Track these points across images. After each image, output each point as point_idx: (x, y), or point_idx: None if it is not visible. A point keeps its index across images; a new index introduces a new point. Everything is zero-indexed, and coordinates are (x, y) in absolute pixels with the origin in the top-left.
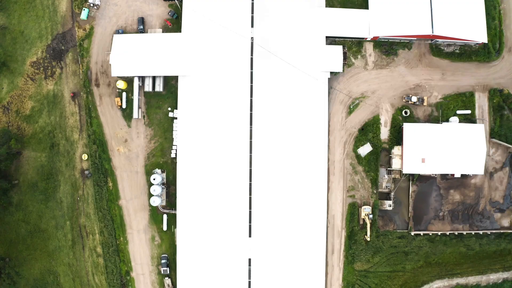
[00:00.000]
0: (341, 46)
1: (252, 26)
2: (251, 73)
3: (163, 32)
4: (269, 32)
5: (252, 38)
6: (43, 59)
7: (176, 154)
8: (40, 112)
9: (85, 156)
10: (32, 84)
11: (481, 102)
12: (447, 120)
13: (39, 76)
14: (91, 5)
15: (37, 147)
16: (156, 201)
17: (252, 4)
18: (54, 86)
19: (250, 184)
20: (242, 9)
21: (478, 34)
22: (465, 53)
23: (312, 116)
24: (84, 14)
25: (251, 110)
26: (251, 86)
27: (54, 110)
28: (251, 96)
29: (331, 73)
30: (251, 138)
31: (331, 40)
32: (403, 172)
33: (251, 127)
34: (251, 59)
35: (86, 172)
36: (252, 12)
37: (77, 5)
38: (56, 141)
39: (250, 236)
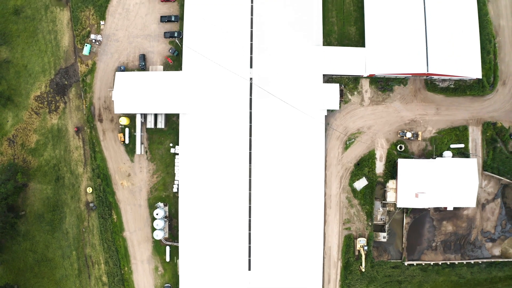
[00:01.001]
0: (337, 85)
1: (251, 67)
2: (250, 113)
3: (164, 68)
4: (267, 72)
5: (251, 78)
6: (47, 93)
7: (178, 188)
8: (45, 145)
9: (89, 189)
10: (36, 118)
11: (475, 135)
12: (441, 154)
13: (43, 110)
14: (93, 41)
15: (42, 179)
16: (159, 235)
17: (251, 45)
18: (58, 120)
19: (250, 220)
20: (241, 49)
21: (473, 70)
22: (460, 87)
23: (309, 152)
24: (86, 50)
25: (250, 149)
26: (250, 126)
27: (58, 144)
28: (250, 135)
29: (328, 109)
30: (250, 175)
31: (328, 77)
32: (398, 206)
33: (250, 165)
34: (250, 99)
35: (91, 204)
36: (251, 53)
37: (79, 40)
38: (61, 174)
39: (249, 269)
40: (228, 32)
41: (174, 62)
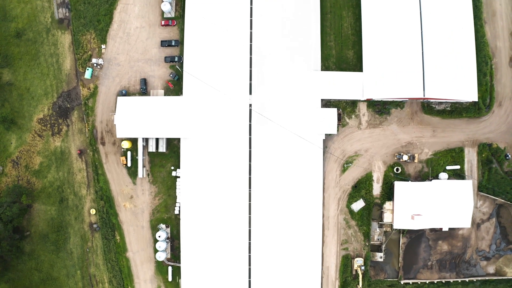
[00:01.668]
0: (335, 109)
1: (250, 93)
2: (250, 138)
3: (165, 93)
4: (266, 98)
5: (250, 105)
6: (50, 116)
7: (179, 210)
8: (49, 167)
9: (93, 211)
10: (40, 140)
11: (470, 156)
12: (437, 176)
13: (46, 133)
14: (95, 64)
15: (47, 200)
16: (161, 256)
17: (250, 71)
18: (61, 143)
19: (250, 242)
20: (241, 76)
21: (469, 93)
22: (456, 110)
23: (307, 175)
24: (88, 74)
25: (250, 174)
26: (250, 152)
27: (62, 166)
28: (250, 161)
29: (326, 133)
30: (250, 200)
31: (326, 101)
32: (394, 228)
33: (249, 190)
34: (250, 125)
35: (95, 225)
36: (250, 79)
37: (80, 64)
38: (65, 196)
39: None
40: (228, 58)
41: (174, 86)
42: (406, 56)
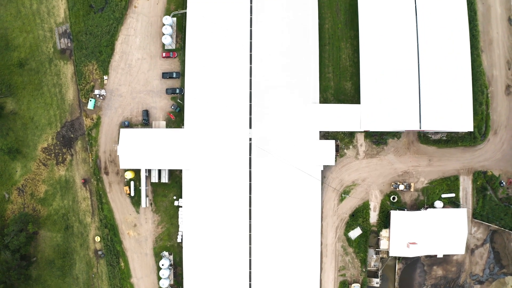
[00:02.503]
0: (333, 141)
1: (250, 127)
2: (250, 172)
3: (166, 124)
4: (266, 131)
5: (250, 139)
6: (54, 145)
7: (182, 239)
8: (54, 195)
9: (98, 238)
10: (44, 169)
11: (465, 184)
12: (432, 204)
13: (50, 162)
14: (97, 95)
15: (52, 227)
16: (165, 284)
17: (250, 106)
18: (65, 172)
19: (250, 272)
20: (241, 110)
21: (465, 124)
22: (452, 139)
23: (306, 204)
24: (91, 104)
25: (250, 206)
26: (250, 184)
27: (67, 195)
28: (250, 192)
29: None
30: (250, 231)
31: (325, 132)
32: (390, 255)
33: (250, 221)
34: (250, 158)
35: (100, 252)
36: (250, 114)
37: (83, 94)
38: (70, 223)
39: None
40: (228, 92)
41: (176, 117)
42: (402, 89)
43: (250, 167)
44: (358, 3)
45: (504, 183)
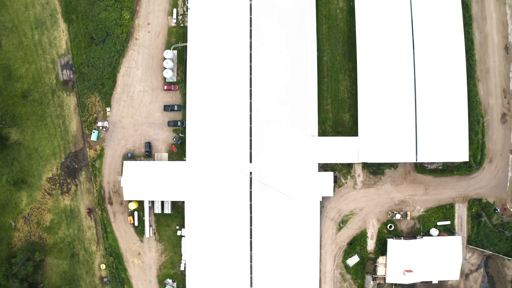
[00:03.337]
0: (331, 173)
1: (250, 161)
2: (250, 204)
3: (169, 155)
4: (266, 165)
5: (250, 173)
6: (58, 175)
7: (185, 267)
8: (59, 224)
9: (103, 266)
10: (49, 198)
11: (461, 212)
12: (428, 232)
13: (55, 192)
14: (100, 127)
15: (58, 255)
16: None
17: (250, 140)
18: (70, 202)
19: None
20: (241, 144)
21: (460, 154)
22: (448, 168)
23: (305, 234)
24: (94, 136)
25: (251, 237)
26: (251, 217)
27: (72, 224)
28: (251, 225)
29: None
30: (251, 261)
31: (323, 163)
32: (387, 281)
33: (251, 252)
34: (250, 192)
35: (105, 279)
36: (251, 148)
37: (86, 126)
38: (76, 251)
39: None
40: (229, 126)
41: (178, 150)
42: (399, 121)
43: (250, 200)
44: (357, 35)
45: (498, 209)
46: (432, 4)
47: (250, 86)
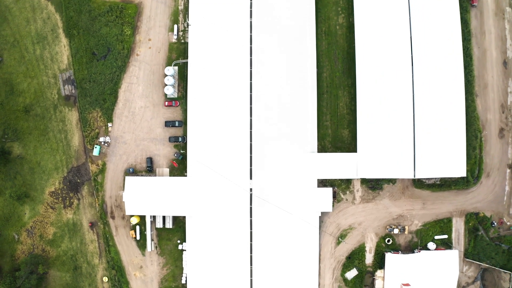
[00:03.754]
0: (330, 189)
1: (251, 178)
2: (251, 220)
3: (170, 171)
4: (266, 181)
5: (251, 189)
6: (61, 189)
7: (186, 280)
8: (62, 237)
9: (105, 279)
10: (52, 212)
11: (458, 226)
12: (426, 246)
13: (58, 206)
14: (102, 142)
15: (61, 268)
16: None
17: (251, 157)
18: (73, 216)
19: None
20: (242, 161)
21: (458, 170)
22: (445, 183)
23: (304, 249)
24: (96, 151)
25: (251, 252)
26: (251, 233)
27: (75, 237)
28: (251, 240)
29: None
30: (251, 275)
31: (322, 179)
32: None
33: (251, 267)
34: (251, 208)
35: None
36: (251, 165)
37: (88, 141)
38: (78, 264)
39: None
40: (230, 143)
41: (179, 165)
42: (398, 137)
43: (251, 216)
44: (356, 52)
45: (495, 223)
46: (432, 21)
47: (250, 103)
